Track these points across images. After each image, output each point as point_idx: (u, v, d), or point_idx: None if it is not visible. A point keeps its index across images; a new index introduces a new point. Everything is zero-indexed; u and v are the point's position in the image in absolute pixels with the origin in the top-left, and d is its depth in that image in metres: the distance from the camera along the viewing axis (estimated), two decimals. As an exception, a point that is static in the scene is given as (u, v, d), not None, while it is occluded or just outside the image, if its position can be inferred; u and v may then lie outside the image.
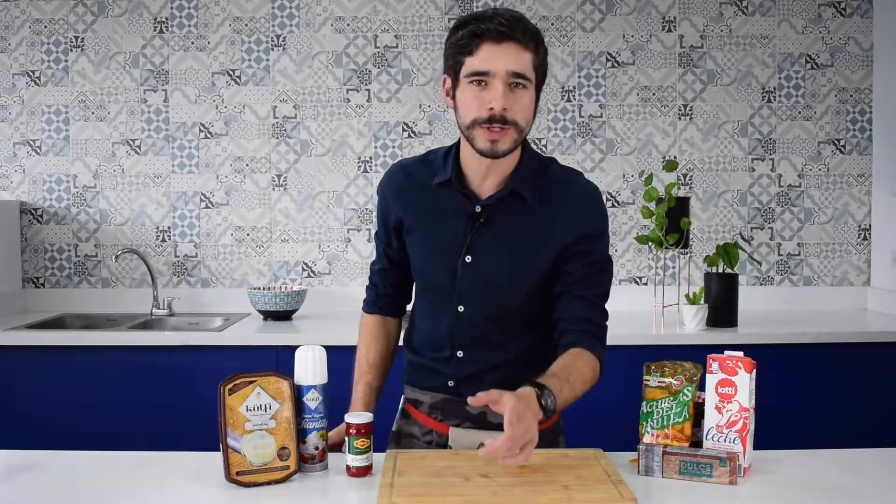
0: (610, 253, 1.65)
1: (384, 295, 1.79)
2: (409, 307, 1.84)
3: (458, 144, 1.63)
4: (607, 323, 1.64)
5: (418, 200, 1.64)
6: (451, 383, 1.65)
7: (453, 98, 1.55)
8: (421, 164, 1.68)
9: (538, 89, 1.54)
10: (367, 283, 1.85)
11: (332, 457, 1.57)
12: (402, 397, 1.81)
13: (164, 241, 3.58)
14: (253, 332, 3.05)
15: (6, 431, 2.89)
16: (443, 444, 1.67)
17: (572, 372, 1.50)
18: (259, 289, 3.33)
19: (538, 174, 1.60)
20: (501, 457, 1.35)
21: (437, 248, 1.61)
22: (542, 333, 1.64)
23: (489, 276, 1.58)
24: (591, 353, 1.56)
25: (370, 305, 1.81)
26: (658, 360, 1.62)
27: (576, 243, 1.57)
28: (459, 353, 1.63)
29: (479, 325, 1.61)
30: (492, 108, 1.47)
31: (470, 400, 1.37)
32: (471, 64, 1.48)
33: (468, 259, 1.58)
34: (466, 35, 1.48)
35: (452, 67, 1.52)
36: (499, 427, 1.45)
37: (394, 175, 1.70)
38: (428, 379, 1.69)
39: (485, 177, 1.58)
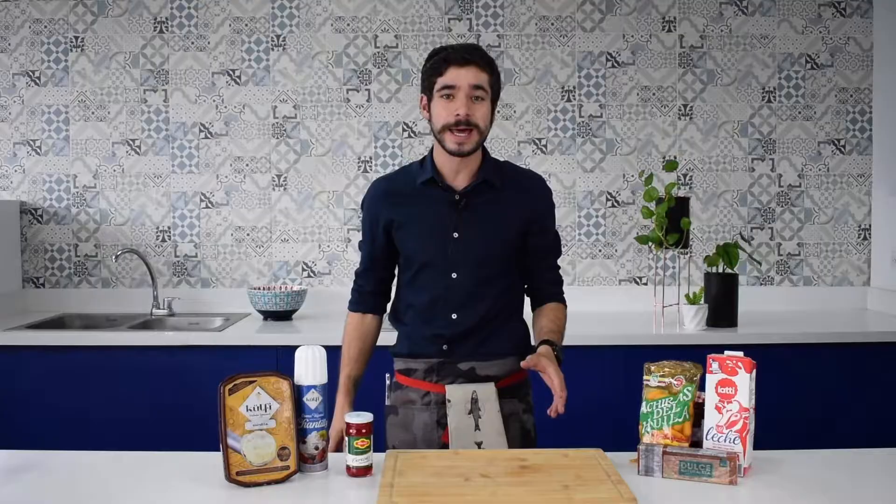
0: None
1: (368, 293, 2.09)
2: (390, 302, 2.11)
3: (431, 152, 2.00)
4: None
5: (405, 200, 2.00)
6: (445, 347, 1.95)
7: (428, 111, 1.96)
8: (399, 174, 2.08)
9: (493, 103, 1.95)
10: (353, 287, 2.13)
11: (332, 457, 1.58)
12: (388, 375, 2.07)
13: (164, 241, 3.58)
14: (253, 332, 3.05)
15: (6, 431, 2.89)
16: (441, 401, 1.92)
17: (560, 324, 2.01)
18: (259, 289, 3.33)
19: (498, 169, 2.02)
20: (557, 409, 1.76)
21: (430, 232, 1.97)
22: (509, 285, 2.03)
23: (474, 246, 1.95)
24: (563, 305, 2.07)
25: (354, 304, 2.11)
26: (658, 360, 1.63)
27: (533, 218, 2.00)
28: (454, 316, 1.95)
29: (469, 288, 1.96)
30: (458, 115, 1.87)
31: (523, 364, 1.81)
32: (441, 81, 1.90)
33: (456, 235, 1.95)
34: (438, 61, 1.91)
35: (427, 86, 1.94)
36: (485, 379, 1.92)
37: (377, 188, 2.06)
38: (423, 347, 1.98)
39: (457, 173, 1.97)
